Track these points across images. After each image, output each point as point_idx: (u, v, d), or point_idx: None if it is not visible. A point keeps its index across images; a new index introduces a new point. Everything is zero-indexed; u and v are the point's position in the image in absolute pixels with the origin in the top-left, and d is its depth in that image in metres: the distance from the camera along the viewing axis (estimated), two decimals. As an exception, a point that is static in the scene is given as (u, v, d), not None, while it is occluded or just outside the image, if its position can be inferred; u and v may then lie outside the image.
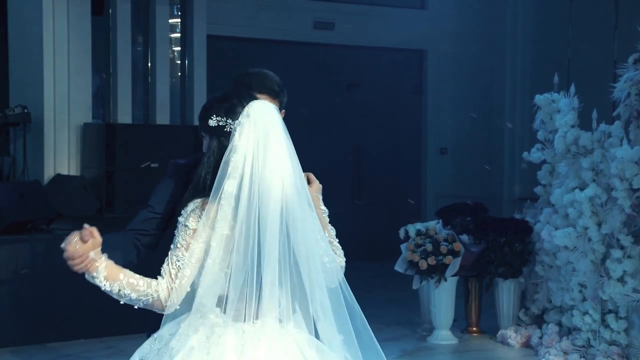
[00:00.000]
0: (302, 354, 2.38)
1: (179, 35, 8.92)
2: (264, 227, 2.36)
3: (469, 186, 10.03)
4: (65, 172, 8.02)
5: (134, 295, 2.40)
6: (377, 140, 10.14)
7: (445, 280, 6.36)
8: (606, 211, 5.70)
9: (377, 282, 8.17)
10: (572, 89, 6.23)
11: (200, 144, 2.59)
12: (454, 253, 6.30)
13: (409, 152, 10.46)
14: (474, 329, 6.76)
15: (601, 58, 8.35)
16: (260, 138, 2.40)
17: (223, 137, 2.45)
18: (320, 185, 2.70)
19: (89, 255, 2.37)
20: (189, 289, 2.40)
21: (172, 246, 2.43)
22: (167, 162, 2.84)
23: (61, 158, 8.07)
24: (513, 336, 6.40)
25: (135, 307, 2.45)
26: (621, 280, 5.62)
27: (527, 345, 6.32)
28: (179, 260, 2.40)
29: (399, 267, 6.48)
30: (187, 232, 2.40)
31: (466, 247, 6.39)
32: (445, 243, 6.32)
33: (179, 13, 8.91)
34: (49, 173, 7.98)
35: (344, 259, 2.61)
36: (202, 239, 2.39)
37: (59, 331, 6.24)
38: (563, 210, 6.01)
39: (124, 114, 8.38)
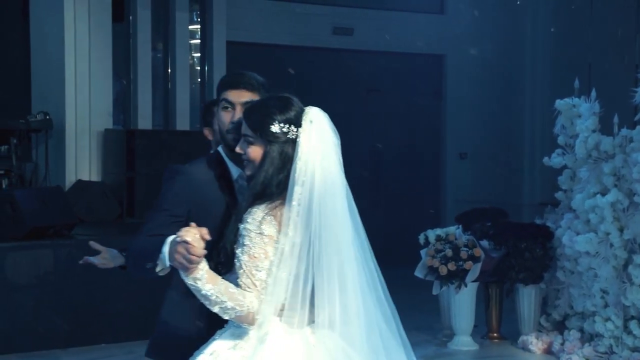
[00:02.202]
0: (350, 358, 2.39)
1: (198, 41, 8.97)
2: (326, 235, 2.38)
3: (489, 191, 9.99)
4: (86, 177, 8.07)
5: (230, 304, 2.33)
6: (396, 145, 10.12)
7: (466, 285, 6.33)
8: (628, 216, 5.66)
9: (396, 287, 8.16)
10: (593, 93, 6.19)
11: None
12: (474, 258, 6.28)
13: (428, 156, 10.44)
14: (495, 334, 6.73)
15: (622, 62, 8.30)
16: (323, 145, 2.43)
17: (286, 144, 2.44)
18: None
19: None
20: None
21: (243, 257, 2.37)
22: (169, 169, 2.76)
23: (82, 164, 8.13)
24: (534, 342, 6.36)
25: (225, 317, 2.37)
26: (643, 286, 5.58)
27: (548, 351, 6.28)
28: (259, 271, 2.36)
29: (419, 272, 6.46)
30: (264, 239, 2.37)
31: (486, 253, 6.36)
32: (465, 248, 6.30)
33: (199, 19, 8.95)
34: (70, 179, 8.04)
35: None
36: (276, 245, 2.38)
37: (80, 336, 6.28)
38: (584, 216, 5.97)
39: (144, 120, 8.43)
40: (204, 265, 2.31)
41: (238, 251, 2.39)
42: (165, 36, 8.70)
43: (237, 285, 2.38)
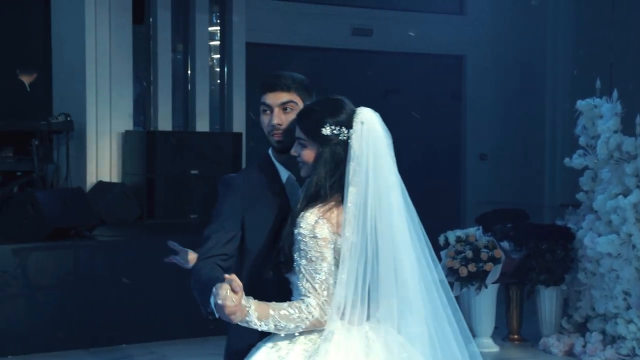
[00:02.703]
0: (409, 353, 2.42)
1: (218, 43, 8.99)
2: (383, 234, 2.42)
3: (509, 192, 9.94)
4: (106, 179, 8.11)
5: (291, 325, 2.39)
6: (415, 147, 10.10)
7: (486, 287, 6.31)
8: (650, 217, 5.61)
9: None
10: (615, 93, 6.15)
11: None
12: (494, 260, 6.25)
13: (448, 158, 10.40)
14: (516, 336, 6.69)
15: (644, 62, 8.24)
16: (375, 144, 2.48)
17: (338, 146, 2.48)
18: None
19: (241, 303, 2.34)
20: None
21: (301, 261, 2.42)
22: (221, 180, 2.75)
23: (103, 165, 8.17)
24: (555, 344, 6.32)
25: (296, 333, 2.42)
26: (666, 287, 5.53)
27: (570, 353, 6.24)
28: (318, 273, 2.40)
29: (439, 273, 6.44)
30: (318, 242, 2.41)
31: (507, 254, 6.33)
32: (485, 250, 6.27)
33: (218, 21, 8.98)
34: (91, 180, 8.09)
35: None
36: (333, 247, 2.41)
37: (101, 336, 6.31)
38: (606, 217, 5.93)
39: (164, 121, 8.47)
40: (250, 304, 2.35)
41: (295, 255, 2.44)
42: (185, 38, 8.73)
43: (298, 288, 2.44)
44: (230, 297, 2.30)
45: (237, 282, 2.31)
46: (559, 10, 9.92)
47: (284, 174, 2.72)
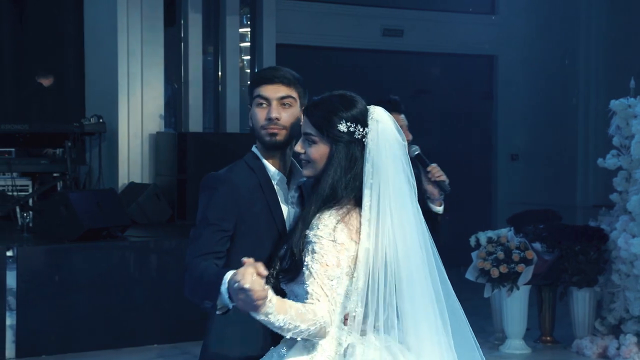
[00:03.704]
0: None
1: (248, 44, 9.03)
2: (398, 241, 2.29)
3: (541, 193, 9.86)
4: (138, 180, 8.18)
5: (303, 326, 2.19)
6: (446, 147, 10.06)
7: (518, 288, 6.26)
8: (686, 218, 5.54)
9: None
10: (649, 93, 6.08)
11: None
12: (526, 261, 6.20)
13: (479, 158, 10.35)
14: (548, 338, 6.63)
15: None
16: (392, 146, 2.33)
17: (352, 145, 2.32)
18: None
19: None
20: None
21: (314, 265, 2.24)
22: (208, 178, 2.57)
23: (134, 166, 8.24)
24: (589, 346, 6.26)
25: (298, 338, 2.24)
26: (702, 289, 5.45)
27: (603, 355, 6.18)
28: (331, 280, 2.24)
29: (470, 275, 6.41)
30: (337, 247, 2.24)
31: (539, 255, 6.28)
32: (517, 251, 6.22)
33: (249, 22, 9.02)
34: (123, 181, 8.16)
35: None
36: (349, 253, 2.27)
37: (133, 336, 6.35)
38: (640, 218, 5.86)
39: (195, 123, 8.52)
40: (271, 296, 2.16)
41: (307, 259, 2.26)
42: (216, 39, 8.78)
43: (304, 293, 2.27)
44: (258, 281, 2.08)
45: (261, 268, 2.11)
46: (591, 9, 9.82)
47: (273, 172, 2.56)
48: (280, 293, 2.30)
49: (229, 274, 2.22)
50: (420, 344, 2.31)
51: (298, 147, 2.41)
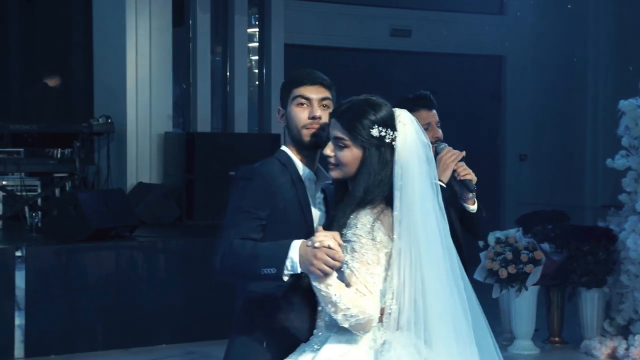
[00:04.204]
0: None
1: (256, 44, 9.03)
2: (424, 239, 2.35)
3: (549, 193, 9.84)
4: (146, 180, 8.19)
5: (354, 311, 2.27)
6: (454, 147, 10.03)
7: (526, 289, 6.25)
8: (695, 219, 5.51)
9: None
10: (658, 93, 6.06)
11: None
12: (535, 261, 6.19)
13: (487, 158, 10.32)
14: (557, 339, 6.62)
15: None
16: (419, 149, 2.41)
17: (383, 148, 2.40)
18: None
19: None
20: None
21: (354, 264, 2.31)
22: (243, 169, 2.62)
23: (143, 166, 8.26)
24: (598, 347, 6.24)
25: (345, 325, 2.29)
26: None
27: (612, 356, 6.16)
28: (372, 277, 2.31)
29: (479, 275, 6.40)
30: (376, 245, 2.33)
31: (547, 256, 6.27)
32: (525, 251, 6.21)
33: (257, 22, 9.02)
34: (131, 181, 8.18)
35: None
36: (386, 250, 2.35)
37: (141, 336, 6.36)
38: (649, 218, 5.84)
39: (203, 123, 8.53)
40: (333, 271, 2.26)
41: (347, 257, 2.32)
42: (224, 40, 8.79)
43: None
44: (337, 243, 2.20)
45: (338, 236, 2.23)
46: (600, 9, 9.79)
47: (304, 170, 2.60)
48: (310, 293, 2.36)
49: (297, 241, 2.30)
50: (444, 345, 2.35)
51: (327, 151, 2.45)
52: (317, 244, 2.23)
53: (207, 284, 6.19)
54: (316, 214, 2.58)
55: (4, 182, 7.52)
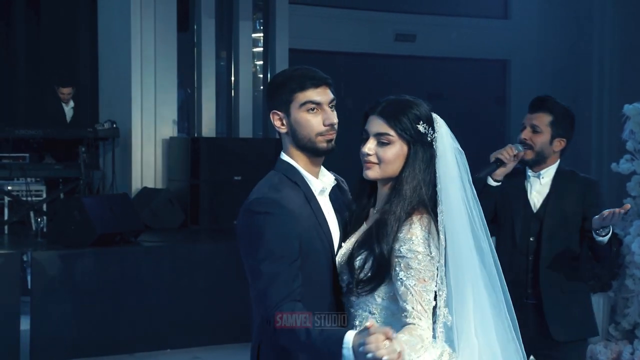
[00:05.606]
0: None
1: (261, 49, 9.05)
2: (456, 242, 2.24)
3: (555, 198, 9.82)
4: (151, 185, 8.20)
5: (414, 356, 2.12)
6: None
7: (531, 293, 6.24)
8: (700, 223, 5.51)
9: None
10: (663, 97, 6.05)
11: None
12: (540, 266, 6.18)
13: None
14: (562, 343, 6.60)
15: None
16: (454, 151, 2.31)
17: (426, 146, 2.26)
18: None
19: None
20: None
21: (409, 281, 2.16)
22: (260, 202, 2.33)
23: (148, 171, 8.27)
24: (603, 351, 6.23)
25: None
26: None
27: (617, 361, 6.15)
28: (428, 294, 2.17)
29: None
30: (432, 261, 2.18)
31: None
32: (531, 256, 6.20)
33: (262, 27, 9.04)
34: (136, 186, 8.19)
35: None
36: (438, 265, 2.21)
37: (146, 341, 6.37)
38: (654, 223, 5.83)
39: (208, 128, 8.55)
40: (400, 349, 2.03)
41: (402, 274, 2.16)
42: (229, 45, 8.80)
43: (398, 310, 2.19)
44: (391, 347, 1.95)
45: (390, 332, 1.97)
46: (604, 13, 9.79)
47: (315, 183, 2.38)
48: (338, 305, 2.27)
49: (349, 335, 2.06)
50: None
51: (366, 149, 2.27)
52: (370, 355, 1.96)
53: (212, 288, 6.19)
54: (334, 227, 2.38)
55: (9, 188, 7.54)
